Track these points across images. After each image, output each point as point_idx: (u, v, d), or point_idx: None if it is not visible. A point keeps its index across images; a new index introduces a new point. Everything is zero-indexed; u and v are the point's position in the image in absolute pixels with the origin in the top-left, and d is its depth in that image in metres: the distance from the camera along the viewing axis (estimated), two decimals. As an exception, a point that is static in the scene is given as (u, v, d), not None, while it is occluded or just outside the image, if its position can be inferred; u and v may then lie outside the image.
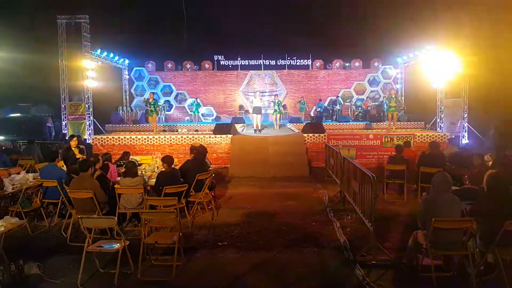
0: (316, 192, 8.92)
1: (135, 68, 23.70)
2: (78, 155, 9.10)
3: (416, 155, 8.80)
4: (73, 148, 9.36)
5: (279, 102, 16.30)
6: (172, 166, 6.81)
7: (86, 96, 17.34)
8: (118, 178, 6.78)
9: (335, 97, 22.35)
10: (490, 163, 7.16)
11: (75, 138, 9.79)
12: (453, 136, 13.95)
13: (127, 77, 23.51)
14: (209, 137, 12.71)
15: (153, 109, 14.33)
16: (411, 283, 4.44)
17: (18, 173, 7.18)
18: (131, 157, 8.59)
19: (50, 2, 18.84)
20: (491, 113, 15.22)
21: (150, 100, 14.30)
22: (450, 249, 4.29)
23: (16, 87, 19.43)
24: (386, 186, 8.29)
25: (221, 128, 13.19)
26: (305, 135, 12.77)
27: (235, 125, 15.60)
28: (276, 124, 16.08)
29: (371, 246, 4.94)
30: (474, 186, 5.08)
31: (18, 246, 5.57)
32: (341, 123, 19.69)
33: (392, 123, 15.18)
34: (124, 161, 8.03)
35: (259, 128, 14.50)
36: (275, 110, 16.08)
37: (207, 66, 24.21)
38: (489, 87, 14.70)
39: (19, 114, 20.13)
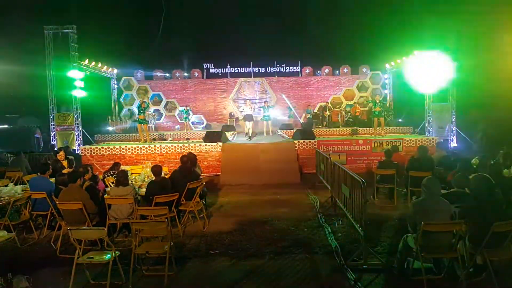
0: (307, 198, 8.94)
1: (123, 78, 23.61)
2: (67, 170, 8.99)
3: (405, 159, 8.88)
4: (61, 161, 9.27)
5: (268, 107, 16.17)
6: (162, 175, 6.78)
7: (75, 107, 17.22)
8: (108, 189, 6.73)
9: (324, 103, 22.54)
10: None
11: (61, 152, 9.70)
12: (442, 140, 14.10)
13: (116, 86, 23.39)
14: (200, 145, 12.69)
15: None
16: (402, 286, 4.48)
17: (6, 185, 7.09)
18: (121, 167, 8.53)
19: (37, 13, 18.77)
20: (479, 116, 15.44)
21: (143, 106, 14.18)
22: (440, 252, 4.33)
23: (3, 98, 19.21)
24: (376, 191, 8.35)
25: (212, 136, 13.18)
26: (296, 141, 12.81)
27: (226, 132, 15.60)
28: (266, 131, 16.03)
29: (362, 251, 4.98)
30: (460, 189, 5.14)
31: (7, 259, 5.48)
32: (330, 129, 19.78)
33: (379, 128, 15.09)
34: (113, 171, 7.98)
35: (251, 135, 14.51)
36: (264, 116, 16.02)
37: (196, 74, 24.24)
38: (476, 91, 14.95)
39: (6, 126, 19.90)
